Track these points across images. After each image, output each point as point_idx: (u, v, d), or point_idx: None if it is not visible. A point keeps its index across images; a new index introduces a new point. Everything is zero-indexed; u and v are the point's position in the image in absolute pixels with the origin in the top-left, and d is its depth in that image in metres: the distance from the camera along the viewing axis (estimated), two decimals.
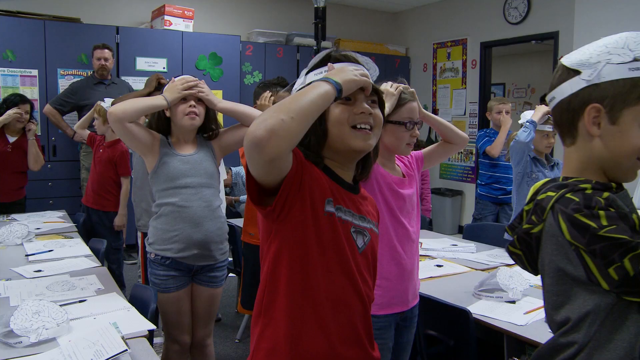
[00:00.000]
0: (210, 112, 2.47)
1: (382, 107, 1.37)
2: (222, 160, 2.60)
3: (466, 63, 7.28)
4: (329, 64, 1.30)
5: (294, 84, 1.39)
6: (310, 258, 1.23)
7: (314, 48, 5.14)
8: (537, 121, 3.09)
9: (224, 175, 4.12)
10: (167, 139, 2.40)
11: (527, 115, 3.29)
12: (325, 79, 1.19)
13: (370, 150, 1.34)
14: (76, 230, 3.60)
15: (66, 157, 5.54)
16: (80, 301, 2.17)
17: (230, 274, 3.66)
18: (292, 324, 1.23)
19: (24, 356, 1.67)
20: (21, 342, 1.75)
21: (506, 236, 3.23)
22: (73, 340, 1.74)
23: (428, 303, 2.25)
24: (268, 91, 2.99)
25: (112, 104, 3.52)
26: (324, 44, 6.03)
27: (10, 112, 4.04)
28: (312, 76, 1.32)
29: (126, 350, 1.60)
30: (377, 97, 1.35)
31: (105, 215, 4.07)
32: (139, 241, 3.44)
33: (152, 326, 1.93)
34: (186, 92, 2.33)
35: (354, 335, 1.30)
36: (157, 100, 2.32)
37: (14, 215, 4.00)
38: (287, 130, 1.08)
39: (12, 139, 4.16)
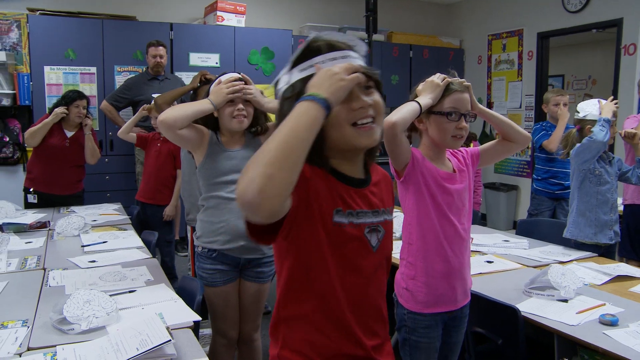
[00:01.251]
0: (258, 109, 2.46)
1: (379, 88, 1.25)
2: None
3: (522, 54, 7.09)
4: (316, 65, 1.18)
5: (277, 81, 1.29)
6: (323, 268, 1.22)
7: (366, 41, 5.11)
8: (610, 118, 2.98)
9: None
10: (216, 134, 2.42)
11: (584, 107, 3.18)
12: (310, 97, 1.08)
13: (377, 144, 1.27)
14: (130, 222, 3.70)
15: (122, 152, 5.70)
16: (130, 291, 2.22)
17: None
18: (309, 325, 1.25)
19: (75, 342, 1.72)
20: (73, 329, 1.80)
21: (566, 234, 3.13)
22: (121, 329, 1.79)
23: (476, 300, 2.20)
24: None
25: (157, 100, 3.61)
26: (375, 37, 6.00)
27: (58, 110, 4.17)
28: (297, 73, 1.22)
29: (170, 340, 1.62)
30: (373, 82, 1.23)
31: (160, 209, 4.16)
32: (189, 235, 3.49)
33: (198, 317, 1.95)
34: (232, 95, 2.31)
35: (369, 331, 1.31)
36: (204, 105, 2.30)
37: (72, 208, 4.15)
38: (278, 187, 1.00)
39: (70, 134, 4.30)
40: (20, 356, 1.66)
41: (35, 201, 4.18)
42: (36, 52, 5.44)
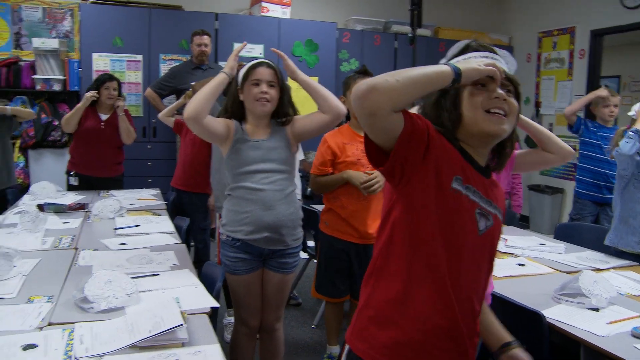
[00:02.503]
0: (285, 96, 2.45)
1: (518, 99, 1.38)
2: (299, 145, 2.59)
3: (573, 53, 6.88)
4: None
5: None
6: (428, 229, 1.28)
7: (409, 36, 5.04)
8: None
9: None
10: (241, 124, 2.43)
11: (637, 108, 3.07)
12: (446, 63, 1.26)
13: (504, 136, 1.35)
14: (165, 208, 3.75)
15: (165, 139, 5.79)
16: (154, 275, 2.25)
17: (314, 260, 3.69)
18: (404, 284, 1.32)
19: (93, 321, 1.76)
20: (93, 307, 1.84)
21: (606, 241, 3.01)
22: (138, 311, 1.81)
23: (501, 303, 2.14)
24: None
25: (194, 87, 3.63)
26: (421, 31, 5.92)
27: (87, 94, 4.26)
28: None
29: (182, 324, 1.63)
30: (513, 88, 1.37)
31: (196, 196, 4.20)
32: (218, 222, 3.51)
33: (216, 304, 1.96)
34: (234, 62, 2.41)
35: (469, 312, 1.37)
36: (218, 78, 2.35)
37: (112, 192, 4.24)
38: (387, 88, 1.16)
39: (104, 117, 4.39)
40: (40, 330, 1.70)
41: (77, 184, 4.29)
42: (86, 39, 5.58)
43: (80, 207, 3.58)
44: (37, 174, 5.76)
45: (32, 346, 1.59)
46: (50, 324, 1.75)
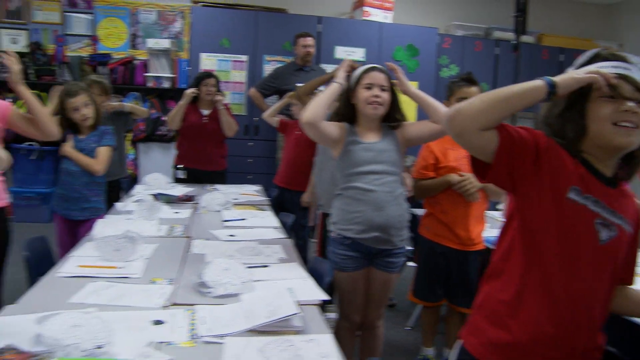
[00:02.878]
0: (395, 100, 2.51)
1: None
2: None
3: None
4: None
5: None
6: (545, 238, 1.33)
7: (513, 42, 4.94)
8: None
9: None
10: (352, 127, 2.50)
11: None
12: (543, 77, 1.30)
13: (632, 148, 1.34)
14: (269, 204, 3.89)
15: (266, 137, 5.98)
16: (264, 266, 2.36)
17: (410, 263, 3.71)
18: (518, 289, 1.37)
19: (211, 304, 1.87)
20: (210, 292, 1.96)
21: None
22: (252, 298, 1.91)
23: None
24: None
25: (298, 90, 3.73)
26: (524, 38, 5.78)
27: (187, 92, 4.46)
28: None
29: (297, 313, 1.71)
30: None
31: (296, 194, 4.32)
32: (318, 221, 3.60)
33: (326, 297, 2.03)
34: (345, 74, 2.49)
35: (586, 323, 1.37)
36: (331, 87, 2.44)
37: (216, 186, 4.43)
38: (471, 110, 1.28)
39: (206, 112, 4.60)
40: (164, 308, 1.84)
41: (184, 177, 4.51)
42: (196, 40, 5.86)
43: (189, 198, 3.78)
44: (145, 166, 6.11)
45: (160, 322, 1.72)
46: (173, 304, 1.89)
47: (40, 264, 2.47)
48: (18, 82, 2.54)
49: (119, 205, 3.43)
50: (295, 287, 2.07)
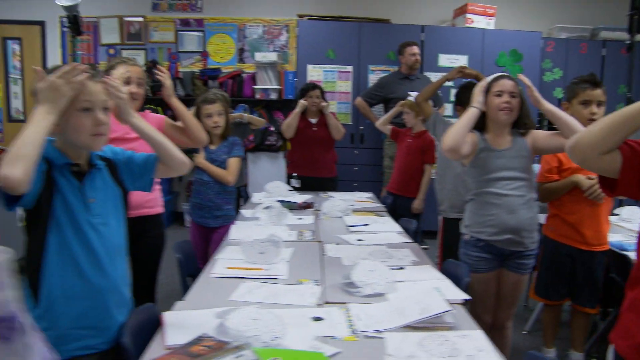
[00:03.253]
0: (524, 106, 2.54)
1: None
2: None
3: None
4: None
5: None
6: None
7: (627, 42, 4.80)
8: None
9: None
10: (482, 134, 2.56)
11: None
12: None
13: None
14: (385, 210, 3.98)
15: (371, 145, 6.10)
16: (400, 268, 2.45)
17: None
18: None
19: (361, 303, 1.98)
20: (359, 291, 2.07)
21: None
22: (401, 297, 2.01)
23: None
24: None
25: (417, 98, 3.81)
26: (638, 37, 5.58)
27: (301, 102, 4.63)
28: None
29: (450, 310, 1.79)
30: None
31: (407, 200, 4.40)
32: (440, 225, 3.65)
33: (467, 296, 2.10)
34: (482, 97, 2.51)
35: None
36: (471, 113, 2.48)
37: (329, 193, 4.57)
38: (589, 140, 1.40)
39: (314, 120, 4.76)
40: (319, 306, 1.96)
41: (299, 185, 4.69)
42: (302, 52, 6.08)
43: (308, 205, 3.94)
44: (254, 175, 6.37)
45: (319, 319, 1.84)
46: (326, 302, 2.01)
47: (187, 265, 2.69)
48: (171, 95, 2.76)
49: (245, 212, 3.63)
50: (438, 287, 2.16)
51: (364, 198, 4.44)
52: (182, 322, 1.79)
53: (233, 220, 3.37)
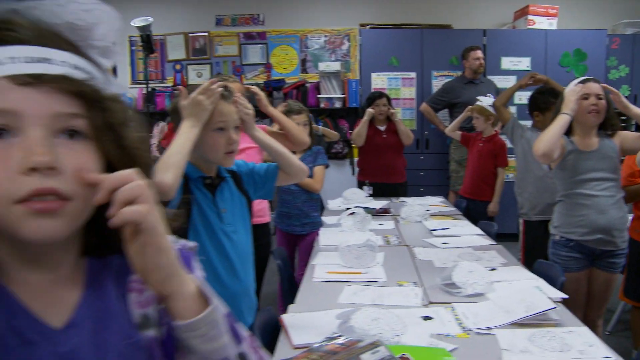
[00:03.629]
0: (610, 107, 2.62)
1: None
2: None
3: None
4: None
5: None
6: None
7: None
8: None
9: None
10: (568, 137, 2.64)
11: None
12: None
13: None
14: (461, 213, 4.07)
15: (437, 150, 6.18)
16: (492, 269, 2.55)
17: None
18: None
19: (464, 302, 2.10)
20: (460, 292, 2.19)
21: None
22: (501, 296, 2.11)
23: None
24: None
25: (495, 103, 3.88)
26: None
27: (369, 110, 4.76)
28: None
29: (555, 307, 1.89)
30: None
31: (480, 204, 4.48)
32: (521, 228, 3.71)
33: (563, 295, 2.18)
34: (575, 104, 2.55)
35: None
36: (563, 120, 2.55)
37: (402, 198, 4.69)
38: None
39: (382, 127, 4.89)
40: (425, 307, 2.09)
41: (371, 192, 4.82)
42: (365, 60, 6.21)
43: (385, 211, 4.07)
44: None
45: (428, 317, 1.97)
46: (430, 302, 2.14)
47: (284, 269, 2.86)
48: (267, 105, 2.93)
49: (326, 219, 3.78)
50: (531, 286, 2.25)
51: (436, 202, 4.54)
52: (302, 323, 1.94)
53: (319, 228, 3.52)
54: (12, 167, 0.61)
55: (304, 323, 1.94)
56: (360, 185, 4.96)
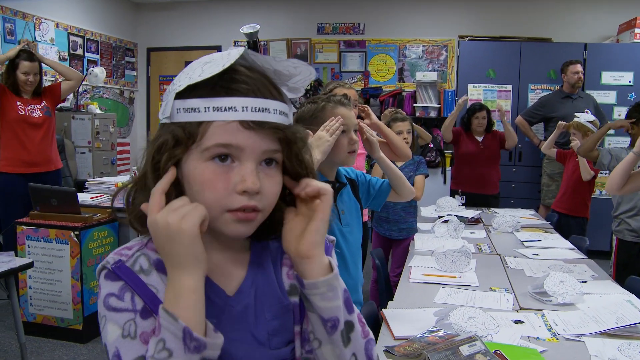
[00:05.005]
0: None
1: None
2: None
3: None
4: None
5: None
6: None
7: None
8: None
9: None
10: None
11: None
12: None
13: None
14: (551, 227, 4.15)
15: (529, 163, 6.21)
16: (582, 282, 2.66)
17: None
18: None
19: (554, 310, 2.24)
20: (551, 300, 2.33)
21: None
22: (591, 307, 2.24)
23: None
24: None
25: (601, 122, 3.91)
26: None
27: (460, 100, 4.96)
28: None
29: None
30: None
31: (574, 220, 4.51)
32: (614, 244, 3.74)
33: None
34: None
35: None
36: (629, 158, 2.68)
37: (493, 209, 4.80)
38: None
39: (480, 138, 5.01)
40: (516, 311, 2.25)
41: (464, 201, 4.96)
42: (463, 71, 6.33)
43: (476, 220, 4.20)
44: None
45: (519, 321, 2.13)
46: (521, 308, 2.29)
47: (382, 269, 3.08)
48: (376, 120, 3.14)
49: (419, 225, 3.97)
50: (624, 301, 2.36)
51: (527, 215, 4.62)
52: (401, 318, 2.16)
53: (414, 233, 3.72)
54: (230, 187, 0.86)
55: (403, 318, 2.16)
56: (453, 194, 5.11)
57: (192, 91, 0.85)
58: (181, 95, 0.86)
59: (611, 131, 5.01)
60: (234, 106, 0.84)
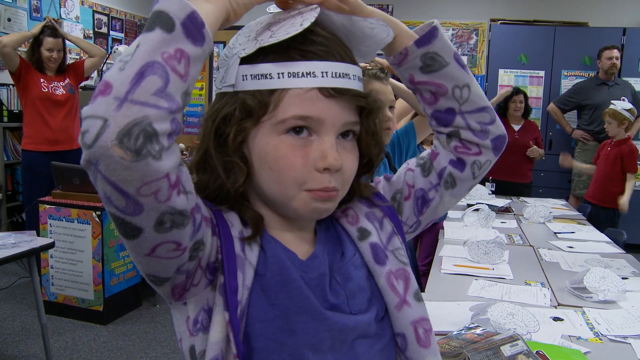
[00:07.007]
0: None
1: None
2: None
3: None
4: None
5: None
6: None
7: None
8: None
9: None
10: None
11: None
12: None
13: None
14: (584, 218, 4.01)
15: (560, 152, 6.02)
16: (623, 278, 2.53)
17: None
18: None
19: (594, 308, 2.12)
20: (591, 297, 2.21)
21: None
22: (635, 306, 2.12)
23: None
24: None
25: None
26: None
27: (502, 92, 4.85)
28: None
29: None
30: None
31: (606, 211, 4.36)
32: None
33: None
34: None
35: None
36: None
37: (523, 198, 4.67)
38: None
39: (517, 127, 4.87)
40: (555, 308, 2.14)
41: (494, 189, 4.82)
42: (494, 56, 6.16)
43: (506, 209, 4.07)
44: None
45: (559, 319, 2.02)
46: (559, 304, 2.18)
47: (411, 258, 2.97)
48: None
49: (449, 212, 3.85)
50: None
51: (558, 205, 4.47)
52: (435, 312, 2.04)
53: (442, 221, 3.61)
54: (310, 163, 0.77)
55: (437, 312, 2.06)
56: (483, 181, 4.97)
57: (258, 55, 0.75)
58: (247, 60, 0.76)
59: None
60: (313, 71, 0.74)
